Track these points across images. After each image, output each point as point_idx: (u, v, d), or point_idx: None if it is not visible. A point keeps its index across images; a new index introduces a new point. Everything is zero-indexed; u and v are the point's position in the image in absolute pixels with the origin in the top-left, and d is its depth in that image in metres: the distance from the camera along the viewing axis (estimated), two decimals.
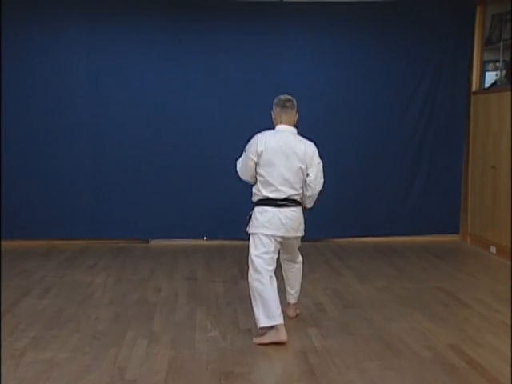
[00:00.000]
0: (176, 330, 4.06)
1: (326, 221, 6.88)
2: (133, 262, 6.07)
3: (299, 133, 4.00)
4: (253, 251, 3.85)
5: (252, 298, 3.86)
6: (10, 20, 6.39)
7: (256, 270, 3.81)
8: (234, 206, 6.74)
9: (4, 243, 6.47)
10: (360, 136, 6.85)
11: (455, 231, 7.05)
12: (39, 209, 6.64)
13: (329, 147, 6.79)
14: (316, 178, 3.91)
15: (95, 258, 6.14)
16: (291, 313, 4.30)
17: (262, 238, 3.83)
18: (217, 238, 6.85)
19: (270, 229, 3.82)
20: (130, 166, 6.72)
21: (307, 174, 3.89)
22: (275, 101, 3.97)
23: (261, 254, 3.82)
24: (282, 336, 3.76)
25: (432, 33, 6.73)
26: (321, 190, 4.00)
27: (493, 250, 6.32)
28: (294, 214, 3.87)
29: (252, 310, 3.90)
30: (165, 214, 6.79)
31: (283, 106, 3.92)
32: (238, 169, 4.02)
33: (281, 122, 3.93)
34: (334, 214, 6.90)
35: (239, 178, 4.05)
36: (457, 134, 6.92)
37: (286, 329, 3.84)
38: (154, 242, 6.91)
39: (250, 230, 3.91)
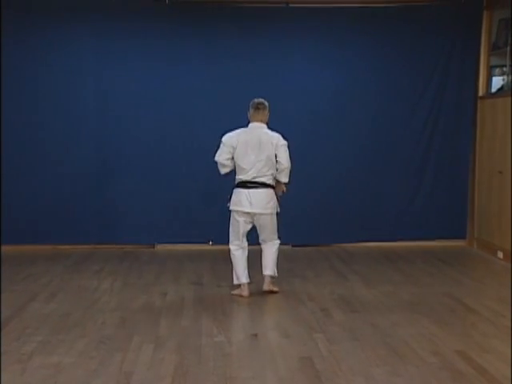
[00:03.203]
0: (182, 335, 4.06)
1: (332, 226, 6.88)
2: (139, 266, 6.07)
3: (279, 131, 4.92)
4: (231, 231, 4.96)
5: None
6: (18, 26, 6.43)
7: (232, 243, 4.96)
8: None
9: (10, 248, 6.49)
10: (366, 140, 6.85)
11: (462, 236, 7.03)
12: (45, 213, 6.66)
13: (334, 152, 6.85)
14: (282, 157, 4.84)
15: (101, 263, 6.15)
16: (265, 286, 5.02)
17: (235, 214, 4.88)
18: (223, 243, 6.81)
19: (240, 206, 4.83)
20: (136, 171, 6.74)
21: (276, 155, 4.84)
22: (251, 103, 4.90)
23: (235, 232, 4.92)
24: (244, 292, 4.93)
25: (439, 38, 6.73)
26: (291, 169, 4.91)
27: (500, 255, 6.29)
28: (261, 194, 4.81)
29: (257, 314, 4.36)
30: (170, 219, 6.80)
31: (256, 107, 4.88)
32: (216, 157, 4.98)
33: (254, 121, 4.89)
34: (340, 218, 6.89)
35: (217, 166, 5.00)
36: (463, 138, 6.90)
37: (291, 334, 3.97)
38: (160, 247, 6.91)
39: (230, 207, 4.93)
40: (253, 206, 4.81)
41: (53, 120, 6.61)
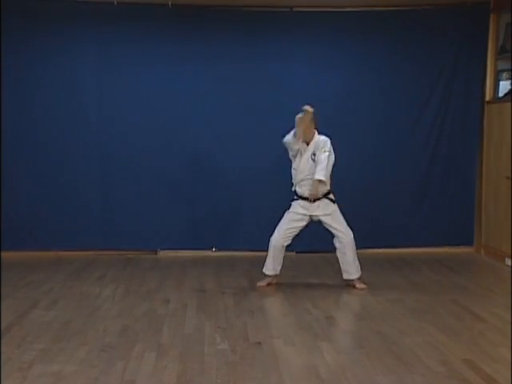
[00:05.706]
0: (185, 343, 4.01)
1: None
2: (141, 273, 6.03)
3: None
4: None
5: None
6: (21, 31, 6.42)
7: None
8: (243, 217, 6.72)
9: (12, 254, 6.47)
10: (372, 147, 6.81)
11: (469, 243, 6.96)
12: (47, 220, 6.64)
13: (340, 158, 6.75)
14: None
15: (103, 270, 6.11)
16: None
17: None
18: (226, 249, 6.80)
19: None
20: (139, 177, 6.71)
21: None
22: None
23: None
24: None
25: (445, 41, 6.70)
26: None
27: (508, 261, 6.22)
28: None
29: (261, 322, 4.38)
30: (173, 225, 6.77)
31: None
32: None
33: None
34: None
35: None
36: (470, 143, 6.85)
37: (295, 342, 3.96)
38: (163, 253, 6.87)
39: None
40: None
41: (54, 126, 6.58)
